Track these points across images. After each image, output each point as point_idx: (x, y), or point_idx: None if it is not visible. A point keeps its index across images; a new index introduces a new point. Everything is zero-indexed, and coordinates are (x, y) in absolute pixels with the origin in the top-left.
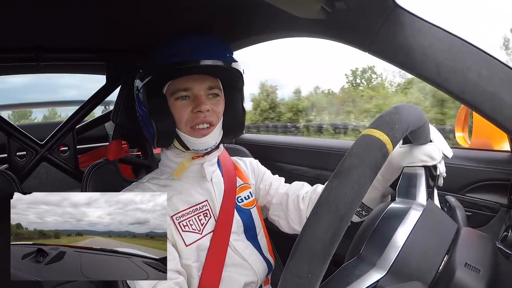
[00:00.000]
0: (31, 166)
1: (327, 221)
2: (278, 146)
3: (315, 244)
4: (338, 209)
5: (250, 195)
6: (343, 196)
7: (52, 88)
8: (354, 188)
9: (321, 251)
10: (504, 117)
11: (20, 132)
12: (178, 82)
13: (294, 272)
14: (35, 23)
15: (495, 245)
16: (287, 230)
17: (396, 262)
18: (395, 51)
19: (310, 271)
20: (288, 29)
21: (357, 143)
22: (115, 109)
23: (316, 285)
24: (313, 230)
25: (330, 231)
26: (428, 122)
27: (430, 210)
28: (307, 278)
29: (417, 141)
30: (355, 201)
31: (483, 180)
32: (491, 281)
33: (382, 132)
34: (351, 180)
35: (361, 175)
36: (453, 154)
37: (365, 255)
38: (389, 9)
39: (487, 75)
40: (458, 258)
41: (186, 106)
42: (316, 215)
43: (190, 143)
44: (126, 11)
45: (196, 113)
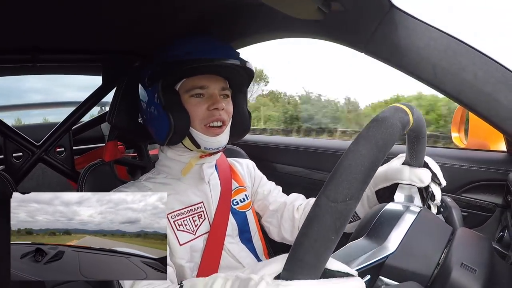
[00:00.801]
0: (28, 167)
1: (368, 149)
2: (273, 146)
3: (356, 168)
4: (377, 142)
5: (245, 197)
6: (380, 133)
7: (17, 93)
8: (389, 130)
9: (362, 176)
10: (500, 117)
11: (16, 133)
12: (193, 80)
13: (332, 197)
14: (31, 24)
15: (491, 245)
16: (276, 237)
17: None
18: (391, 51)
19: (348, 195)
20: (285, 29)
21: (387, 108)
22: (110, 110)
23: (353, 211)
24: (354, 156)
25: (370, 158)
26: (425, 145)
27: (425, 213)
28: (344, 202)
29: (413, 161)
30: (390, 141)
31: (479, 180)
32: (487, 281)
33: (407, 108)
34: (386, 125)
35: (392, 123)
36: (449, 154)
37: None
38: (385, 9)
39: (483, 75)
40: (454, 258)
41: (201, 103)
42: (357, 144)
43: (203, 141)
44: (122, 12)
45: (211, 111)
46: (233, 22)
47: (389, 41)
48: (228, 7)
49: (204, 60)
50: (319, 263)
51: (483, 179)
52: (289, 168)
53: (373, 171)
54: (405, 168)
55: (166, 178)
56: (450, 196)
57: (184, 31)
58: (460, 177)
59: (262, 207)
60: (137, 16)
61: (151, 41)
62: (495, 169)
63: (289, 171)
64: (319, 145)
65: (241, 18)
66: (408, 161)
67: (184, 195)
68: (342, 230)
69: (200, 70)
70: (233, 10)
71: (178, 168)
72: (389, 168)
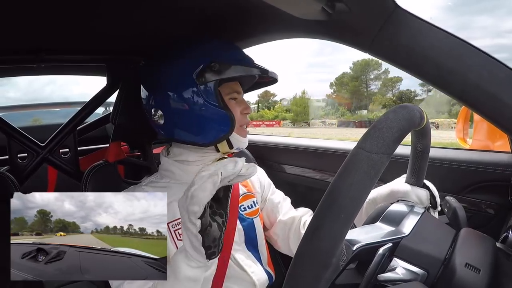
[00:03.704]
0: (32, 168)
1: (402, 114)
2: (276, 147)
3: (392, 124)
4: (403, 115)
5: (254, 204)
6: (403, 115)
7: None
8: (405, 117)
9: (397, 134)
10: (504, 118)
11: (21, 133)
12: (231, 85)
13: (368, 148)
14: (35, 24)
15: (495, 246)
16: (283, 249)
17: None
18: (395, 51)
19: (383, 149)
20: (289, 30)
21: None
22: (114, 110)
23: (385, 164)
24: (388, 117)
25: (405, 120)
26: (427, 163)
27: (429, 214)
28: (379, 154)
29: (414, 179)
30: (411, 123)
31: (483, 181)
32: (491, 281)
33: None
34: (405, 111)
35: (408, 114)
36: (454, 155)
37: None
38: (389, 10)
39: (487, 76)
40: (459, 258)
41: (237, 106)
42: (391, 112)
43: (238, 142)
44: (126, 13)
45: (244, 115)
46: (237, 23)
47: (393, 42)
48: (232, 7)
49: (259, 70)
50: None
51: (487, 180)
52: (293, 168)
53: (405, 134)
54: (408, 187)
55: (169, 183)
56: (454, 196)
57: (188, 31)
58: (464, 178)
59: (271, 216)
60: (141, 16)
61: (155, 41)
62: (499, 169)
63: (292, 171)
64: (323, 146)
65: (245, 18)
66: (409, 180)
67: None
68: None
69: (240, 77)
70: (237, 11)
71: (183, 173)
72: (394, 187)
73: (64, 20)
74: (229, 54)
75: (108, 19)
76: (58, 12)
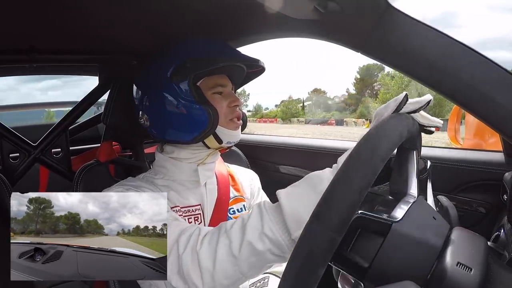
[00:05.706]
0: (24, 168)
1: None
2: (269, 146)
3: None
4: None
5: (243, 208)
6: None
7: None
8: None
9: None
10: (496, 117)
11: (13, 133)
12: (214, 79)
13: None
14: (27, 24)
15: (487, 245)
16: None
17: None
18: (388, 51)
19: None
20: (281, 29)
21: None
22: (105, 110)
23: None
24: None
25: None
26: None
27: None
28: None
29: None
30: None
31: (475, 180)
32: (483, 280)
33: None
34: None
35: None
36: (446, 155)
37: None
38: (382, 9)
39: (479, 75)
40: (450, 257)
41: (222, 100)
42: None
43: (227, 136)
44: (119, 13)
45: (232, 108)
46: (229, 22)
47: (385, 41)
48: (224, 7)
49: (235, 60)
50: None
51: (479, 179)
52: (286, 167)
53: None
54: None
55: (163, 179)
56: (446, 195)
57: (180, 31)
58: (456, 177)
59: None
60: (134, 16)
61: (147, 41)
62: (491, 169)
63: (285, 170)
64: (316, 145)
65: (237, 17)
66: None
67: (183, 195)
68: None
69: (222, 70)
70: (229, 10)
71: (176, 170)
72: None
73: (56, 20)
74: (206, 49)
75: (100, 19)
76: (50, 12)
